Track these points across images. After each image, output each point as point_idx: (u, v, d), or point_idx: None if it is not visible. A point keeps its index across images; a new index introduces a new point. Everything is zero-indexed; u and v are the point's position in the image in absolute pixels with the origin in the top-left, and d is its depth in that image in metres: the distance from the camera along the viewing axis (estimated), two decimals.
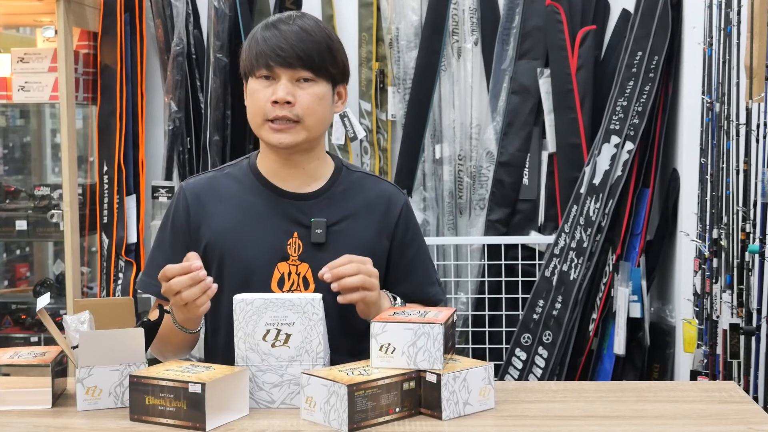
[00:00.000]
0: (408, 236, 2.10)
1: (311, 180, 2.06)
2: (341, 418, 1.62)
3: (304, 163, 2.04)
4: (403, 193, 2.15)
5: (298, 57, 1.95)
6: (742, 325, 2.65)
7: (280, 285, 2.00)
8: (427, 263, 2.15)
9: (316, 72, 1.97)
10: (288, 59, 1.95)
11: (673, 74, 3.50)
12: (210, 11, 3.62)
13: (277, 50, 1.95)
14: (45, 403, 1.80)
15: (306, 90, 1.97)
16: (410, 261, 2.10)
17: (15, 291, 4.25)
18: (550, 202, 3.66)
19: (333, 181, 2.07)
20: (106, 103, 3.72)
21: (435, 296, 2.12)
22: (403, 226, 2.09)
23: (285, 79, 1.96)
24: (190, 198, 2.07)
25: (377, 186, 2.12)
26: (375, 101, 3.73)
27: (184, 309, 1.85)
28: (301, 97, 1.96)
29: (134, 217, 3.74)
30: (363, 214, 2.05)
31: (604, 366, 3.52)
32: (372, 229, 2.05)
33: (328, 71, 2.00)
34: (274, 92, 1.96)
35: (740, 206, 2.74)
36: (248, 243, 2.01)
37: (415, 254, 2.11)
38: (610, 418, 1.71)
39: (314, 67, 1.97)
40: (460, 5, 3.69)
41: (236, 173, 2.09)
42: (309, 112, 1.97)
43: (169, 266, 1.83)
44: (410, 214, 2.13)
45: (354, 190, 2.08)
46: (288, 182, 2.04)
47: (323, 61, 1.98)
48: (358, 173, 2.12)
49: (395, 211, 2.09)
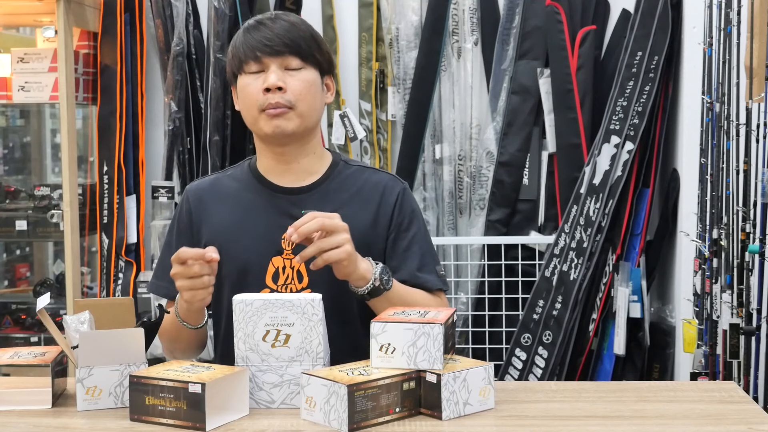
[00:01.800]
0: (404, 224, 2.08)
1: (306, 175, 2.08)
2: (341, 418, 1.62)
3: (299, 158, 2.06)
4: (401, 182, 2.13)
5: (285, 44, 2.00)
6: (742, 325, 2.65)
7: (275, 279, 2.01)
8: (425, 250, 2.10)
9: (304, 59, 2.01)
10: (276, 47, 1.99)
11: (673, 74, 3.50)
12: (210, 11, 3.62)
13: (264, 41, 2.00)
14: (45, 403, 1.80)
15: (295, 77, 2.01)
16: (406, 248, 2.07)
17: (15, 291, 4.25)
18: (550, 202, 3.66)
19: (327, 176, 2.09)
20: (106, 103, 3.73)
21: (429, 283, 2.07)
22: (399, 214, 2.08)
23: (274, 66, 2.00)
24: (192, 200, 2.12)
25: (372, 176, 2.12)
26: (375, 101, 3.73)
27: (186, 295, 1.88)
28: (291, 83, 2.00)
29: (134, 217, 3.74)
30: (357, 204, 2.06)
31: (604, 366, 3.52)
32: (366, 219, 2.04)
33: (315, 58, 2.03)
34: (264, 80, 1.99)
35: (740, 206, 2.74)
36: (244, 239, 2.03)
37: (410, 241, 2.08)
38: (610, 418, 1.71)
39: (302, 53, 2.01)
40: (460, 5, 3.69)
41: (237, 174, 2.14)
42: (301, 97, 2.00)
43: (184, 248, 1.87)
44: (407, 201, 2.11)
45: (349, 183, 2.09)
46: (283, 178, 2.07)
47: (310, 48, 2.02)
48: (354, 166, 2.13)
49: (391, 199, 2.08)
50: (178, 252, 1.86)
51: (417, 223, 2.11)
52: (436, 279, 2.09)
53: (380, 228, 2.06)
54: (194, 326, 1.98)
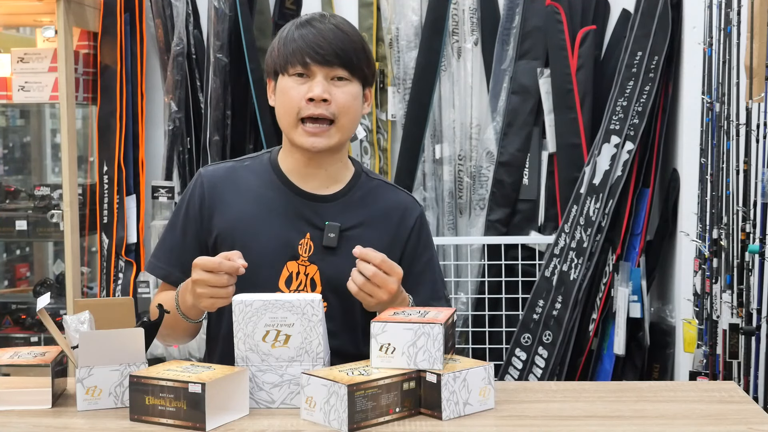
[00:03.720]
0: (419, 249, 2.08)
1: (331, 182, 2.04)
2: (341, 418, 1.62)
3: (328, 164, 2.03)
4: (419, 205, 2.13)
5: (336, 54, 1.93)
6: (742, 325, 2.65)
7: (288, 284, 1.99)
8: (436, 277, 2.11)
9: (352, 71, 1.96)
10: (327, 56, 1.93)
11: (673, 74, 3.50)
12: (210, 11, 3.62)
13: (315, 47, 1.93)
14: (45, 403, 1.80)
15: (341, 89, 1.95)
16: (419, 274, 2.07)
17: (15, 291, 4.25)
18: (550, 202, 3.66)
19: (351, 186, 2.06)
20: (106, 103, 3.72)
21: None
22: (415, 239, 2.07)
23: (321, 76, 1.94)
24: (207, 186, 2.05)
25: (394, 196, 2.10)
26: (375, 101, 3.73)
27: (206, 303, 1.83)
28: (336, 95, 1.95)
29: (134, 217, 3.74)
30: (377, 222, 2.04)
31: (604, 366, 3.52)
32: (384, 239, 2.02)
33: (363, 71, 1.98)
34: (309, 89, 1.93)
35: (740, 206, 2.74)
36: (260, 237, 1.99)
37: (424, 268, 2.08)
38: (610, 418, 1.71)
39: (351, 65, 1.95)
40: (460, 5, 3.69)
41: (256, 167, 2.07)
42: (344, 110, 1.96)
43: (213, 260, 1.80)
44: (424, 226, 2.11)
45: (371, 198, 2.06)
46: (308, 182, 2.03)
47: (359, 61, 1.97)
48: (377, 181, 2.11)
49: (409, 223, 2.07)
50: (207, 261, 1.80)
51: (431, 249, 2.12)
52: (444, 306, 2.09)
53: (395, 249, 2.04)
54: (194, 320, 1.96)
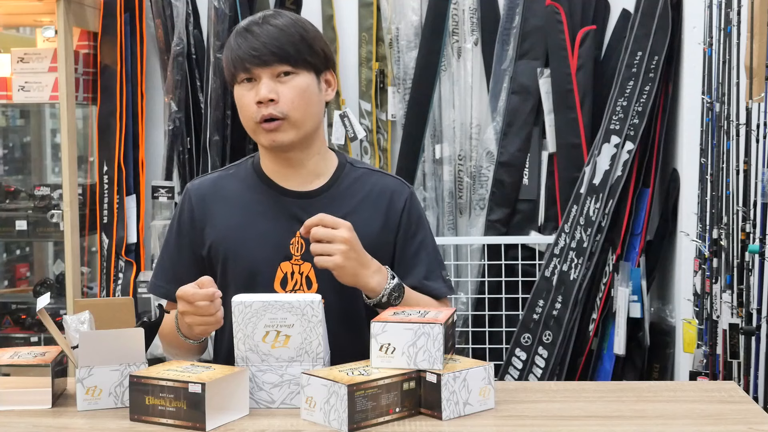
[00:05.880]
0: (411, 229, 2.08)
1: (313, 177, 2.05)
2: (341, 418, 1.62)
3: (304, 160, 2.04)
4: (408, 186, 2.13)
5: (272, 53, 1.96)
6: (742, 325, 2.65)
7: (283, 285, 1.99)
8: (432, 257, 2.10)
9: (294, 64, 1.98)
10: (263, 57, 1.96)
11: (673, 74, 3.50)
12: (210, 11, 3.62)
13: (251, 51, 1.96)
14: (45, 403, 1.80)
15: (287, 84, 1.97)
16: (413, 254, 2.07)
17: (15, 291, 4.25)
18: (550, 202, 3.66)
19: (335, 178, 2.07)
20: (106, 103, 3.72)
21: (436, 291, 2.07)
22: (406, 220, 2.07)
23: (265, 77, 1.97)
24: (195, 200, 2.08)
25: (381, 181, 2.10)
26: (375, 101, 3.73)
27: (198, 330, 1.86)
28: (283, 92, 1.97)
29: (134, 217, 3.74)
30: (366, 209, 2.04)
31: (604, 366, 3.52)
32: (375, 225, 2.03)
33: (307, 61, 1.99)
34: (256, 93, 1.97)
35: (740, 206, 2.74)
36: (252, 243, 2.00)
37: (418, 248, 2.08)
38: (610, 418, 1.71)
39: (291, 59, 1.97)
40: (460, 5, 3.69)
41: (240, 173, 2.10)
42: (293, 106, 1.97)
43: (189, 290, 1.82)
44: (414, 206, 2.11)
45: (357, 186, 2.07)
46: (290, 181, 2.04)
47: (299, 52, 1.98)
48: (362, 169, 2.11)
49: (398, 205, 2.07)
50: (185, 294, 1.82)
51: (424, 229, 2.11)
52: (443, 286, 2.09)
53: (388, 234, 2.05)
54: (196, 341, 1.96)
